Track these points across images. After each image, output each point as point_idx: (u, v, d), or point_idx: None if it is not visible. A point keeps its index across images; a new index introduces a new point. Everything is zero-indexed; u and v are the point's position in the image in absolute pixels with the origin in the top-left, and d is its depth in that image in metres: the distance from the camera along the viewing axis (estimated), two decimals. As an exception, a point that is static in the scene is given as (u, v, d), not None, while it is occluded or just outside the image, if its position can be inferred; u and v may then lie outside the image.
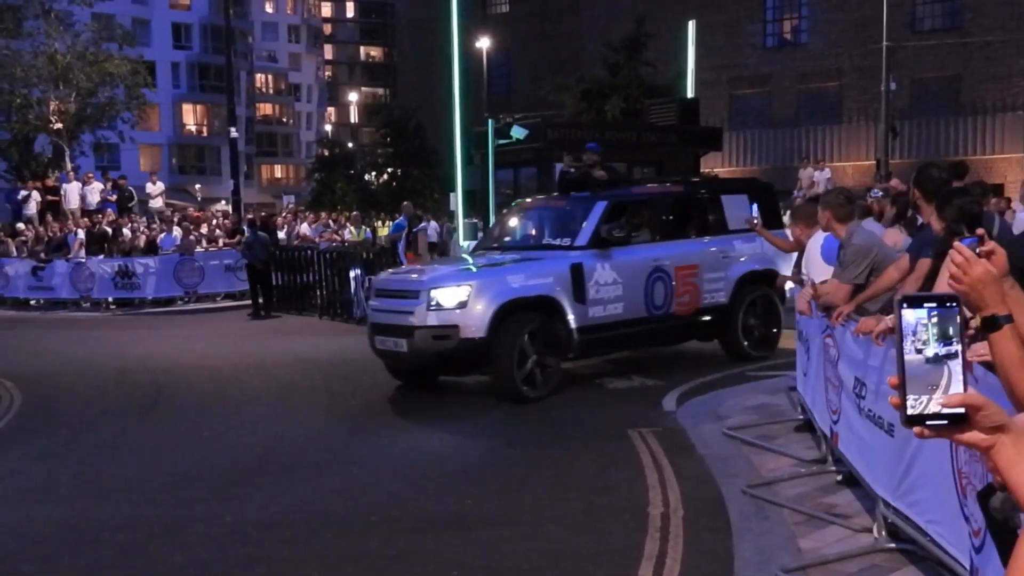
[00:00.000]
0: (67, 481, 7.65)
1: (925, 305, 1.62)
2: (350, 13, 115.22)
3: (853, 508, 5.97)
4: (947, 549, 4.27)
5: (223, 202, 54.60)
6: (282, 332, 16.86)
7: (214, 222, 28.18)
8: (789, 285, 10.03)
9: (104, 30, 37.87)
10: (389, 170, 52.56)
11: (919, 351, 1.61)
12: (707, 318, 11.58)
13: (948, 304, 1.62)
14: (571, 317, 10.22)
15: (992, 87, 38.05)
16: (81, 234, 24.03)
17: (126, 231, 24.27)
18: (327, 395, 10.98)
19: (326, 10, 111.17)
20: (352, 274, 17.73)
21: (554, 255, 10.58)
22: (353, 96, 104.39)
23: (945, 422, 1.60)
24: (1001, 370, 1.94)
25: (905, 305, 1.63)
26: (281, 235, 25.09)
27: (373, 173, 54.49)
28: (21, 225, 26.52)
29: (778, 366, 11.05)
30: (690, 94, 22.79)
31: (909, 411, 1.60)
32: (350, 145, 68.88)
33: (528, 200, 13.39)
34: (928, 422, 1.60)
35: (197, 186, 69.19)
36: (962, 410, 1.58)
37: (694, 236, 11.75)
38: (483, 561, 5.59)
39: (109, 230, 24.19)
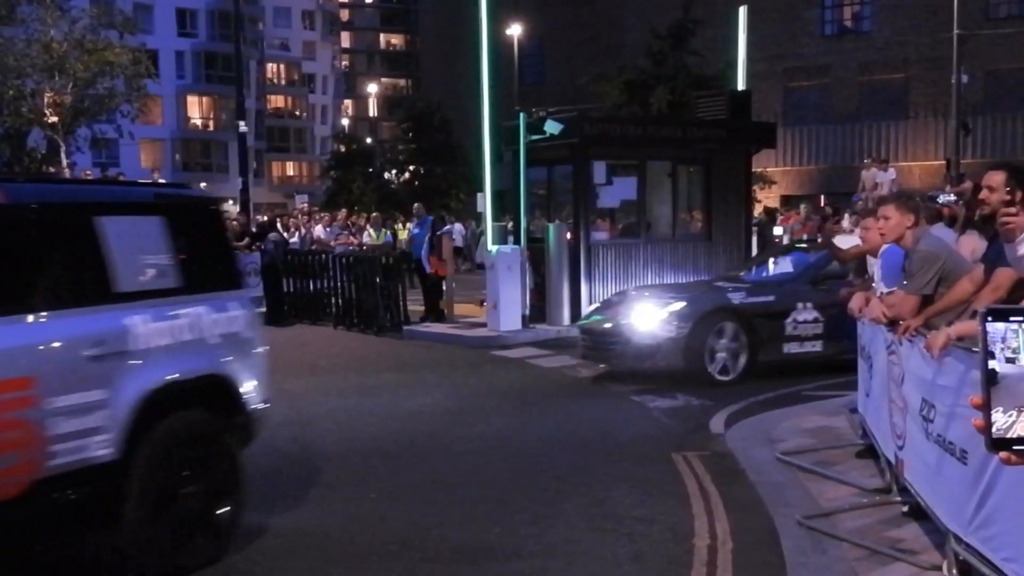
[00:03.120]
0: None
1: (1011, 319, 1.62)
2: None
3: (921, 543, 5.92)
4: (1026, 589, 4.23)
5: (231, 202, 54.95)
6: (298, 342, 16.94)
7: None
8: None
9: (103, 16, 38.22)
10: (411, 168, 52.77)
11: (1004, 368, 1.60)
12: (64, 497, 5.33)
13: None
14: None
15: (1076, 79, 37.73)
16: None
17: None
18: (344, 413, 11.04)
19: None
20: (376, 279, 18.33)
21: None
22: (372, 87, 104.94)
23: None
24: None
25: (990, 318, 1.62)
26: (293, 239, 25.21)
27: (393, 171, 54.73)
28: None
29: (837, 385, 10.98)
30: (741, 86, 22.68)
31: (995, 434, 1.60)
32: (368, 140, 69.20)
33: None
34: (1015, 447, 1.59)
35: (202, 184, 69.41)
36: None
37: (23, 311, 5.33)
38: (512, 596, 5.60)
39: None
